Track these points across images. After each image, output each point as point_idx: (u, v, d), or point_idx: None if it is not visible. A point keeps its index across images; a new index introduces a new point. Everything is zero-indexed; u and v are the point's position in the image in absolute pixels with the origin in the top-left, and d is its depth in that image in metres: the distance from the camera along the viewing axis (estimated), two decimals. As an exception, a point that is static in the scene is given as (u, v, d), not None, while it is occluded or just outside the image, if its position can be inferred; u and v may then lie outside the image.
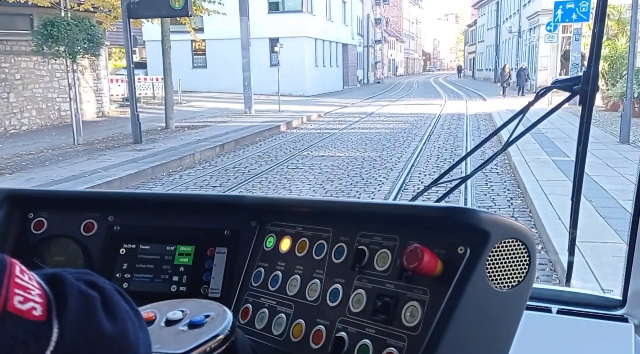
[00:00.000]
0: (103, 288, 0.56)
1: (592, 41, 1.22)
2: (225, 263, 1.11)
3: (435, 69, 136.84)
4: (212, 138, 13.10)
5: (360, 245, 0.93)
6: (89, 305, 0.52)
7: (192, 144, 12.22)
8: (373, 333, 0.85)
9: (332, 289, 0.93)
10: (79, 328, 0.50)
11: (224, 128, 15.28)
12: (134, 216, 1.20)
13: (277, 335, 0.97)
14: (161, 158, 10.50)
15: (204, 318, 0.74)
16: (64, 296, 0.51)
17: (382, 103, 26.93)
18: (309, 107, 24.40)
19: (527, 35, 33.07)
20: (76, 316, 0.50)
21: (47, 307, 0.49)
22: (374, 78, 57.64)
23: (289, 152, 11.95)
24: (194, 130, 15.22)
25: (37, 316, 0.48)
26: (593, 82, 1.19)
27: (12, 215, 1.20)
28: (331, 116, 20.67)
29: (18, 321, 0.47)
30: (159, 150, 11.46)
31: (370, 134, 14.66)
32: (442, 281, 0.80)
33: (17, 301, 0.47)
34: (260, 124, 16.24)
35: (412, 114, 20.31)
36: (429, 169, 9.80)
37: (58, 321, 0.49)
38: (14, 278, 0.48)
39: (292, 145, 13.01)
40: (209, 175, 9.70)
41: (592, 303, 1.24)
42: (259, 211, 1.12)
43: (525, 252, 0.83)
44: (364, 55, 53.17)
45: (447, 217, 0.86)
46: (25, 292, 0.48)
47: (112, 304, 0.55)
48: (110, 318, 0.53)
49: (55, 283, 0.52)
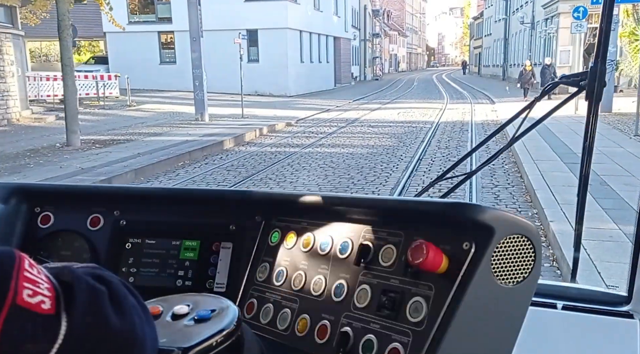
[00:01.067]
0: (110, 282, 0.56)
1: (599, 37, 1.23)
2: (230, 257, 1.11)
3: (440, 65, 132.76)
4: (105, 167, 9.14)
5: (365, 240, 0.93)
6: (97, 299, 0.53)
7: (65, 177, 8.27)
8: (378, 328, 0.85)
9: (337, 284, 0.93)
10: (86, 322, 0.51)
11: (145, 146, 11.34)
12: (140, 211, 1.19)
13: (282, 330, 0.97)
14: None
15: (210, 312, 0.72)
16: (73, 290, 0.51)
17: (372, 105, 22.91)
18: (284, 111, 20.46)
19: (542, 26, 28.86)
20: (84, 310, 0.51)
21: (55, 301, 0.50)
22: (372, 75, 53.47)
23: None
24: (103, 148, 11.28)
25: (45, 310, 0.49)
26: (600, 78, 1.21)
27: (19, 209, 1.20)
28: (304, 124, 16.69)
29: (27, 315, 0.47)
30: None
31: (340, 157, 10.66)
32: (447, 276, 0.80)
33: (26, 294, 0.48)
34: (199, 139, 12.28)
35: (403, 123, 16.33)
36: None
37: (67, 314, 0.50)
38: (23, 272, 0.49)
39: (221, 177, 9.05)
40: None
41: (598, 299, 1.23)
42: (264, 206, 1.12)
43: (531, 248, 0.82)
44: (361, 49, 48.98)
45: (452, 213, 0.85)
46: (35, 286, 0.49)
47: (120, 299, 0.55)
48: (117, 312, 0.54)
49: (64, 277, 0.52)
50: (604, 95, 1.22)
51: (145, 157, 10.08)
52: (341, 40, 39.08)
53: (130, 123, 15.73)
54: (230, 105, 21.98)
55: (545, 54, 27.12)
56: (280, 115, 18.85)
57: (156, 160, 9.85)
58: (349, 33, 41.97)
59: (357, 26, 47.58)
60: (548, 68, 21.08)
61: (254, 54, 29.04)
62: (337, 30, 37.95)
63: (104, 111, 19.08)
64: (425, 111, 19.72)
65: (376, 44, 57.36)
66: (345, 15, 40.44)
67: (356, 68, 47.28)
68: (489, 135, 1.48)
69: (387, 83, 43.65)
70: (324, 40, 35.41)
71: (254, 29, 28.47)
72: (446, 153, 10.86)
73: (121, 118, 17.21)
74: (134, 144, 11.77)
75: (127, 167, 9.11)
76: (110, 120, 16.42)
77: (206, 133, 13.36)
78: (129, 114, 18.39)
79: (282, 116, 18.44)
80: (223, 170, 9.59)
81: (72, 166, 9.26)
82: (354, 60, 46.35)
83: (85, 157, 10.28)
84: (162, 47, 29.72)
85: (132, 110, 19.53)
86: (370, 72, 53.38)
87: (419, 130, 14.44)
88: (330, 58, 37.04)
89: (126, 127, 14.75)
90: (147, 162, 9.68)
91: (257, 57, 28.96)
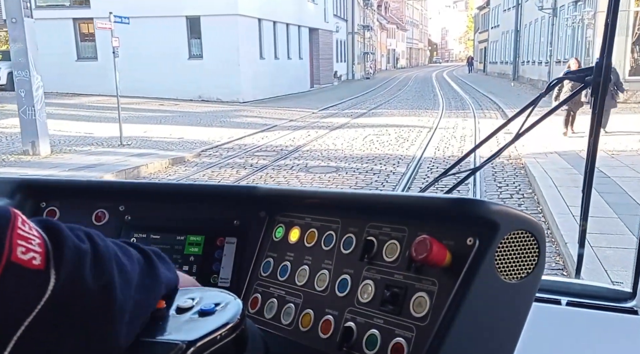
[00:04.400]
0: (97, 243, 0.58)
1: (605, 32, 1.22)
2: (234, 253, 1.11)
3: (443, 61, 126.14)
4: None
5: (369, 235, 0.93)
6: (80, 259, 0.55)
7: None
8: (381, 323, 0.85)
9: (340, 279, 0.93)
10: (70, 280, 0.53)
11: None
12: (144, 206, 1.20)
13: (286, 325, 0.97)
14: None
15: (214, 306, 0.72)
16: (62, 248, 0.53)
17: (338, 120, 16.55)
18: (205, 129, 14.24)
19: (569, 12, 22.30)
20: (69, 269, 0.53)
21: (45, 256, 0.52)
22: (363, 73, 46.99)
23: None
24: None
25: (36, 265, 0.51)
26: (605, 73, 1.20)
27: (25, 204, 1.21)
28: (201, 160, 10.38)
29: (20, 271, 0.50)
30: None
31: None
32: (451, 272, 0.80)
33: (20, 252, 0.50)
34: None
35: (366, 158, 10.03)
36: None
37: (55, 271, 0.52)
38: (17, 230, 0.51)
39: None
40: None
41: (602, 295, 1.23)
42: (268, 201, 1.12)
43: (535, 244, 0.82)
44: (348, 44, 42.48)
45: (456, 208, 0.85)
46: (27, 243, 0.51)
47: (103, 260, 0.57)
48: (96, 273, 0.55)
49: (53, 233, 0.55)
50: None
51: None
52: (319, 32, 32.61)
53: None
54: (147, 118, 15.83)
55: (574, 51, 20.63)
56: (191, 137, 12.62)
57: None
58: (330, 24, 35.45)
59: (344, 17, 41.09)
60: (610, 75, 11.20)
61: (197, 48, 22.73)
62: (313, 19, 31.48)
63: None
64: (406, 133, 13.38)
65: (368, 37, 50.75)
66: (326, 2, 33.97)
67: (342, 65, 40.83)
68: (492, 131, 1.45)
69: (378, 83, 37.20)
70: (295, 31, 28.97)
71: (195, 16, 22.16)
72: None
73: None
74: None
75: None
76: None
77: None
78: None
79: (190, 140, 12.21)
80: None
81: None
82: (340, 56, 39.90)
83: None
84: (81, 38, 23.38)
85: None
86: (361, 69, 46.85)
87: (381, 181, 8.15)
88: (305, 54, 30.62)
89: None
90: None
91: (201, 52, 22.64)
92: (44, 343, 0.53)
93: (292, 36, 28.43)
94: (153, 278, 0.66)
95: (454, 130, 13.76)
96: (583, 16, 19.10)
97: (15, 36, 9.60)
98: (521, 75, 33.83)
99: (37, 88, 9.88)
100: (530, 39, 31.72)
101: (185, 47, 22.69)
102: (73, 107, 18.30)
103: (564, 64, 19.58)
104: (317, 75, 32.50)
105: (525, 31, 33.54)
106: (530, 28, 31.92)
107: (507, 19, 39.99)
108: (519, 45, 35.05)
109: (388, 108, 20.24)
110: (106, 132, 13.03)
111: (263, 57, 24.76)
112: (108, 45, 12.14)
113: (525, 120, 1.30)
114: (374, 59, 55.92)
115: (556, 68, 23.60)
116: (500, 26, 44.06)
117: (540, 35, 28.56)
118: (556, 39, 24.68)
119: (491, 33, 50.47)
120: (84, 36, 23.32)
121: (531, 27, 31.70)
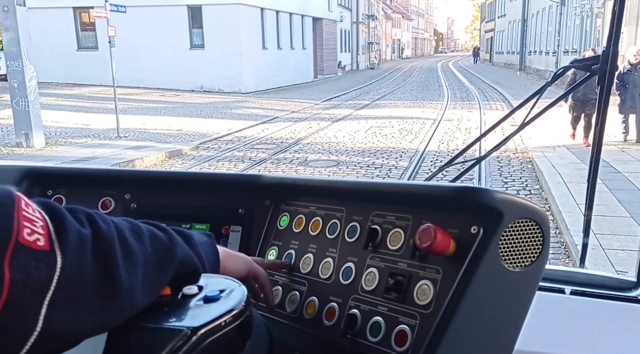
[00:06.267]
0: (98, 226, 0.59)
1: (612, 20, 1.21)
2: (239, 241, 1.12)
3: (449, 51, 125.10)
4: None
5: (374, 224, 0.93)
6: (82, 240, 0.56)
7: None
8: (385, 311, 0.85)
9: (345, 267, 0.94)
10: (76, 260, 0.55)
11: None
12: (150, 194, 1.20)
13: (291, 312, 0.98)
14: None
15: (219, 292, 0.72)
16: (65, 230, 0.55)
17: (342, 111, 16.24)
18: (206, 120, 13.98)
19: (578, 0, 21.78)
20: (73, 250, 0.55)
21: (48, 238, 0.54)
22: (367, 63, 46.50)
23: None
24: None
25: (41, 246, 0.53)
26: (612, 62, 1.19)
27: (31, 192, 1.22)
28: (199, 153, 10.12)
29: (28, 251, 0.51)
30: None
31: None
32: (455, 260, 0.80)
33: (26, 233, 0.52)
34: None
35: (368, 152, 9.75)
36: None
37: (60, 251, 0.54)
38: (22, 212, 0.52)
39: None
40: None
41: (606, 285, 1.22)
42: (273, 190, 1.12)
43: (539, 232, 0.81)
44: (353, 34, 41.98)
45: (461, 197, 0.84)
46: (32, 224, 0.53)
47: (104, 245, 0.58)
48: (98, 255, 0.57)
49: (55, 215, 0.56)
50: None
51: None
52: (323, 21, 32.18)
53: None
54: (147, 110, 15.55)
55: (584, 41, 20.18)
56: (190, 129, 12.36)
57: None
58: (335, 13, 34.99)
59: (348, 6, 40.58)
60: (633, 72, 9.39)
61: (199, 38, 22.39)
62: (317, 9, 31.03)
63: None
64: (410, 125, 13.06)
65: (372, 27, 50.17)
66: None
67: (347, 55, 40.35)
68: (497, 121, 1.42)
69: (382, 73, 36.76)
70: (299, 21, 28.57)
71: (197, 5, 21.81)
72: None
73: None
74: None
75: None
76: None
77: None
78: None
79: (189, 132, 11.96)
80: None
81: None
82: (344, 46, 39.43)
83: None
84: (82, 28, 23.08)
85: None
86: (365, 59, 46.36)
87: (383, 176, 7.88)
88: (309, 44, 30.21)
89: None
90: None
91: (202, 42, 22.30)
92: (65, 322, 0.54)
93: (295, 26, 28.02)
94: (167, 256, 0.67)
95: (459, 122, 13.44)
96: (592, 5, 18.60)
97: (8, 25, 9.32)
98: (528, 66, 33.32)
99: (31, 78, 9.62)
100: (538, 28, 31.16)
101: (187, 36, 22.34)
102: (72, 98, 18.05)
103: (572, 54, 19.19)
104: (320, 65, 32.12)
105: (533, 20, 32.95)
106: (538, 17, 31.36)
107: (514, 8, 39.36)
108: (526, 34, 34.49)
109: (392, 99, 19.90)
110: (104, 124, 12.78)
111: (266, 47, 24.40)
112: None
113: (531, 110, 1.29)
114: (379, 49, 55.31)
115: (564, 58, 23.11)
116: (507, 15, 43.41)
117: (548, 25, 28.01)
118: (564, 28, 24.16)
119: (498, 22, 49.78)
120: (84, 25, 23.00)
121: (539, 16, 31.14)
